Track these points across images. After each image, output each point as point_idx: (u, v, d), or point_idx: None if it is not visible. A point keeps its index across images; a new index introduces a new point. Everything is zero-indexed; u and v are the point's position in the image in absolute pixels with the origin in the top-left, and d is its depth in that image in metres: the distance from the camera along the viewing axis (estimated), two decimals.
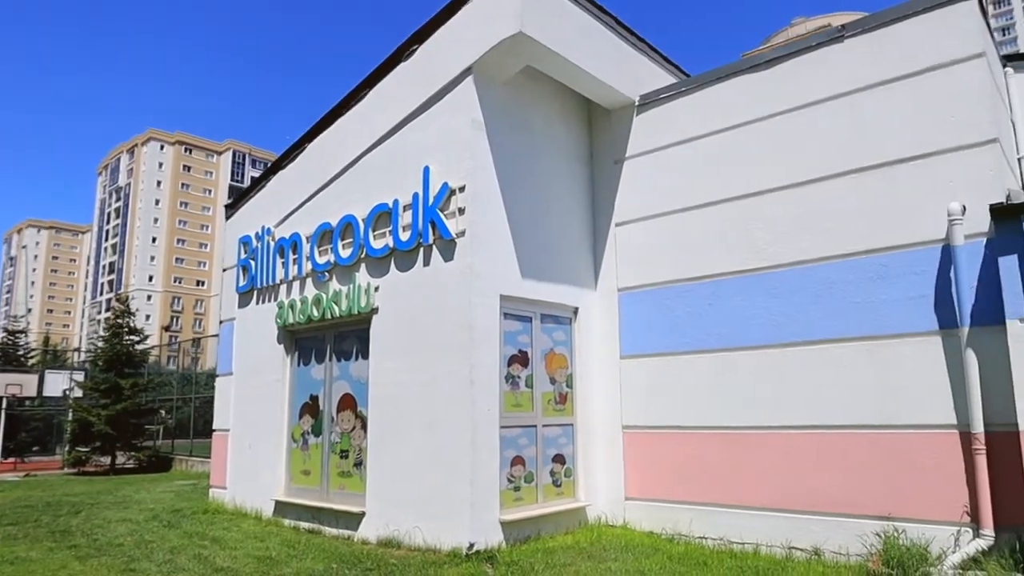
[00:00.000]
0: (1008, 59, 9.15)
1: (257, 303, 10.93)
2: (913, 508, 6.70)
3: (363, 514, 8.46)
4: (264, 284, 10.72)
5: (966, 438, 6.45)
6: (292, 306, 10.03)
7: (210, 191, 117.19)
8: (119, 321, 20.62)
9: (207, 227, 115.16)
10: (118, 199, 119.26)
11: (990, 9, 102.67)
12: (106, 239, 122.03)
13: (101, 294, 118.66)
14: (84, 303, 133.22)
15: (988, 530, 6.17)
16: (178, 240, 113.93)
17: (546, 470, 8.59)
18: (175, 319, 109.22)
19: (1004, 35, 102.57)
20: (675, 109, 9.09)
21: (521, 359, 8.46)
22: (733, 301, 8.20)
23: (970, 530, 6.35)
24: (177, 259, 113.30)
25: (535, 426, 8.49)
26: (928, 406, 6.74)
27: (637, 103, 9.41)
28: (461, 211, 7.95)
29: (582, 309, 9.31)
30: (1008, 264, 6.14)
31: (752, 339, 7.98)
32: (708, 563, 6.95)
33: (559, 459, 8.79)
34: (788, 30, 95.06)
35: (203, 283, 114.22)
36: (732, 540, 7.72)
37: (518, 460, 8.21)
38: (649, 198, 9.16)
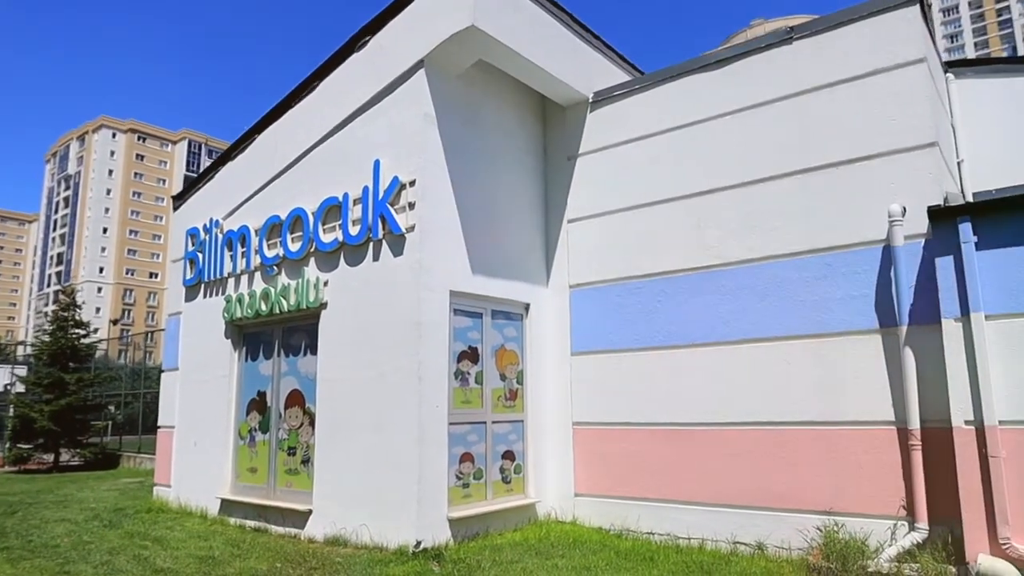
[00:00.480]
0: (950, 65, 9.40)
1: (204, 297, 10.68)
2: (853, 503, 6.83)
3: (310, 512, 8.33)
4: (212, 277, 10.48)
5: (903, 434, 6.60)
6: (240, 300, 9.83)
7: (164, 181, 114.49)
8: (64, 314, 19.99)
9: (161, 218, 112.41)
10: (67, 188, 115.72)
11: (939, 17, 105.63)
12: (54, 229, 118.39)
13: (48, 286, 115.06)
14: (30, 295, 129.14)
15: (923, 524, 6.34)
16: (130, 231, 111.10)
17: (496, 467, 8.56)
18: (127, 312, 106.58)
19: (952, 42, 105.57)
20: (628, 107, 9.12)
21: (471, 355, 8.42)
22: (683, 298, 8.27)
23: (906, 524, 6.51)
24: (129, 251, 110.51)
25: (485, 423, 8.46)
26: (868, 403, 6.88)
27: (591, 100, 9.42)
28: (411, 206, 7.87)
29: (533, 305, 9.30)
30: (944, 265, 6.28)
31: (701, 336, 8.06)
32: (654, 558, 7.01)
33: (509, 456, 8.77)
34: (747, 31, 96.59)
35: (156, 275, 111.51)
36: (679, 535, 7.80)
37: (467, 457, 8.16)
38: (601, 195, 9.19)
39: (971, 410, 6.02)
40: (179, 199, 11.88)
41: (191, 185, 11.73)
